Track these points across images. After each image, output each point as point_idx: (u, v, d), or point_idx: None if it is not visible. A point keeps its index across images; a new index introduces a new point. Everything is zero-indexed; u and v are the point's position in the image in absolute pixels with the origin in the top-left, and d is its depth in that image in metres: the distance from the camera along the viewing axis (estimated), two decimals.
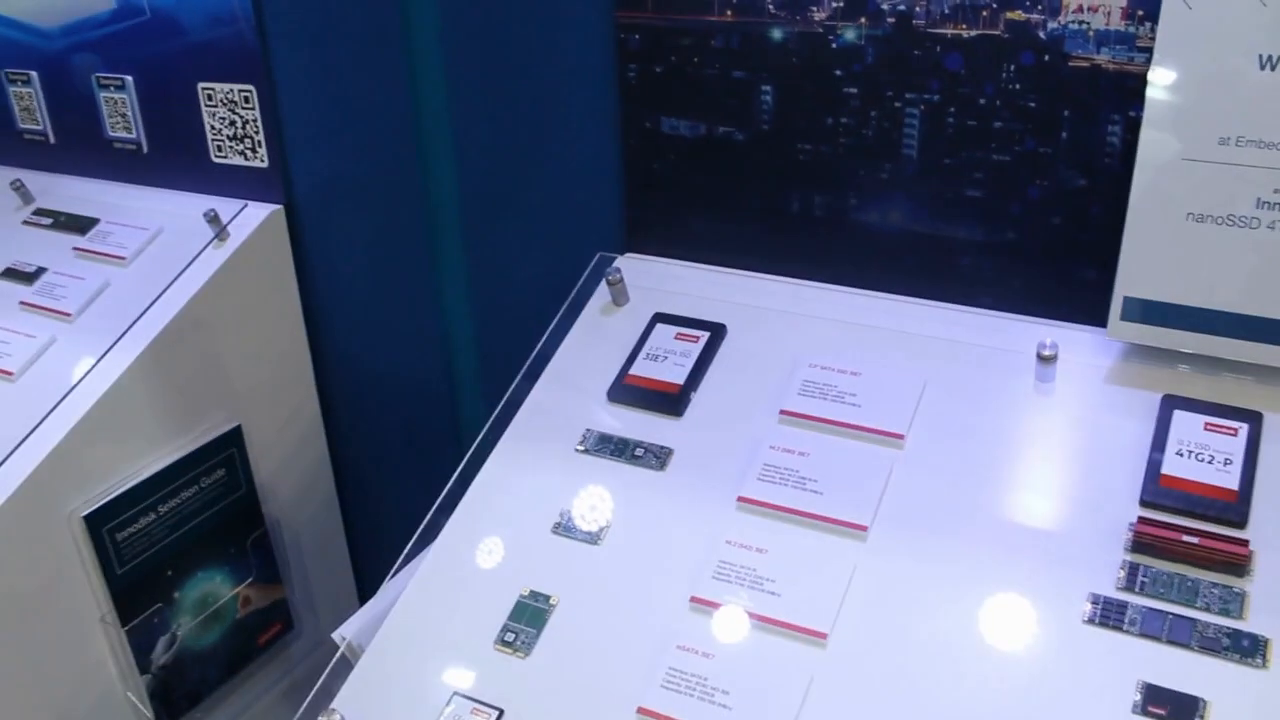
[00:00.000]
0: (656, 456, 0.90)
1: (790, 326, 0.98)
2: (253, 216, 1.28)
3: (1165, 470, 0.79)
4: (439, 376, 1.31)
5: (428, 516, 0.91)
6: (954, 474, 0.84)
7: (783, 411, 0.90)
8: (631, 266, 1.06)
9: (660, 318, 1.01)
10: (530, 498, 0.90)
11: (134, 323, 1.18)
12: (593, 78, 1.06)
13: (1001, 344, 0.91)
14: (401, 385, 1.35)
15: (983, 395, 0.88)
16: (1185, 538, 0.75)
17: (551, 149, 1.12)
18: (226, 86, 1.26)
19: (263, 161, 1.29)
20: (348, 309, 1.35)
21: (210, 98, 1.28)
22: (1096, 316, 0.88)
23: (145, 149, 1.35)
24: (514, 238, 1.19)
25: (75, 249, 1.31)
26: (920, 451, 0.86)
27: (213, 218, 1.26)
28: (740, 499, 0.85)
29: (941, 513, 0.82)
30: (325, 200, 1.29)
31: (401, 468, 1.40)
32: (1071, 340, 0.89)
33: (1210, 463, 0.79)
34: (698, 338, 0.98)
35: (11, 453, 1.08)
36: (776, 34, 0.95)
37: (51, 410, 1.12)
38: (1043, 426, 0.85)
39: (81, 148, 1.40)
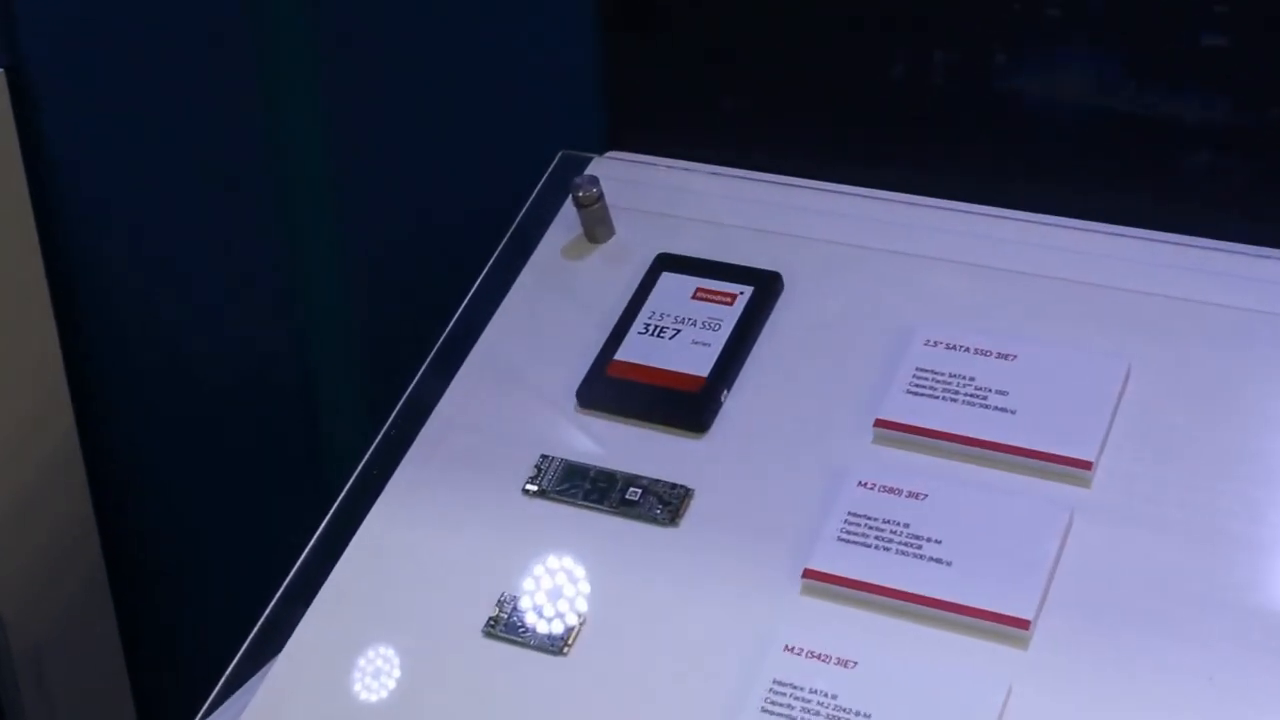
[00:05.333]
0: (663, 502, 0.90)
1: (891, 275, 0.98)
2: None
3: None
4: (288, 365, 1.31)
5: (266, 611, 0.90)
6: (1178, 531, 0.84)
7: (879, 422, 0.91)
8: (617, 173, 1.06)
9: (667, 262, 1.01)
10: (447, 574, 0.90)
11: None
12: None
13: (1264, 303, 0.91)
14: (223, 382, 1.35)
15: (1229, 393, 0.88)
16: None
17: None
18: None
19: None
20: (126, 250, 1.34)
21: None
22: None
23: None
24: (416, 123, 1.19)
25: None
26: (1119, 491, 0.86)
27: None
28: (808, 574, 0.85)
29: (1156, 599, 0.81)
30: (82, 59, 1.28)
31: (223, 523, 1.40)
32: None
33: None
34: (732, 296, 0.98)
35: None
36: None
37: None
38: None
39: None
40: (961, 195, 1.01)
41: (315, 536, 0.93)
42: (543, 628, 0.87)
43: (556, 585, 0.88)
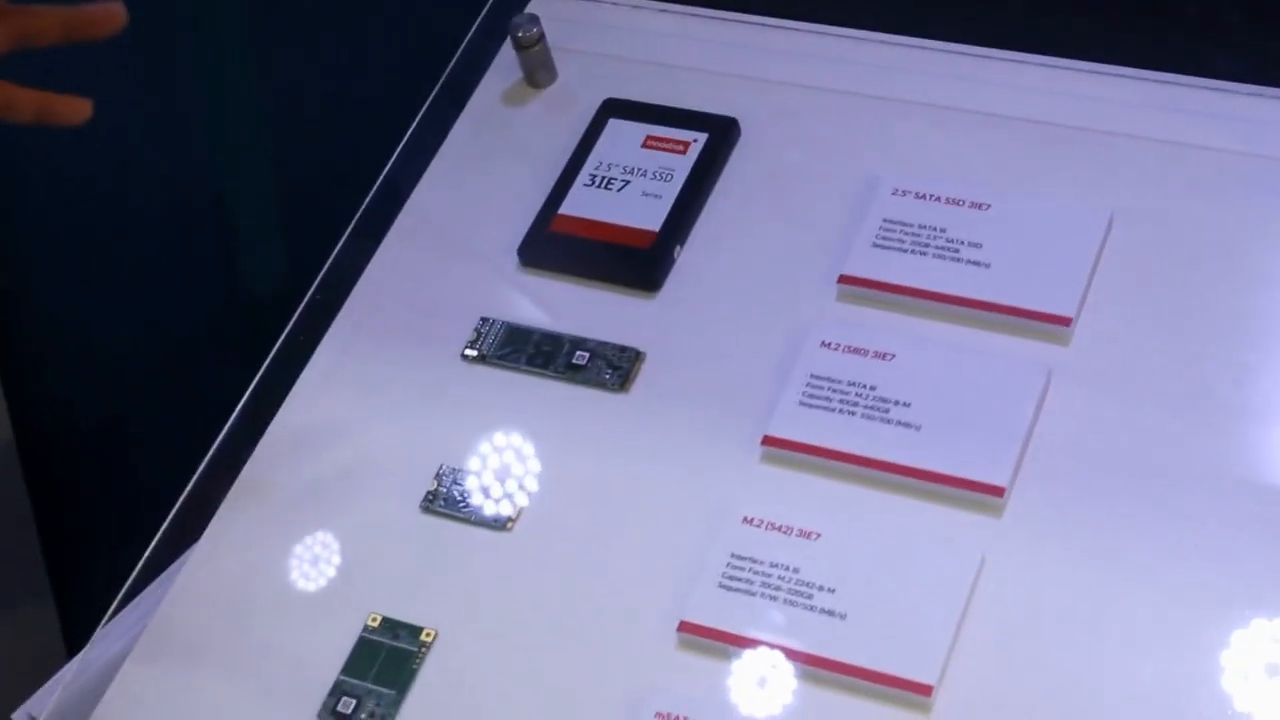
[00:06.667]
0: (612, 366, 0.90)
1: (856, 120, 0.97)
2: None
3: None
4: (205, 226, 1.30)
5: (187, 489, 0.90)
6: (1161, 394, 0.83)
7: (844, 278, 0.91)
8: (559, 12, 1.05)
9: (615, 108, 1.00)
10: (380, 447, 0.90)
11: None
12: None
13: (1257, 146, 0.91)
14: (141, 246, 1.34)
15: (1219, 246, 0.88)
16: None
17: None
18: None
19: None
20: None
21: None
22: None
23: None
24: None
25: None
26: (1099, 351, 0.86)
27: None
28: (767, 441, 0.85)
29: (1137, 466, 0.81)
30: None
31: (143, 396, 1.41)
32: None
33: None
34: (685, 144, 0.98)
35: None
36: None
37: None
38: None
39: None
40: (932, 32, 1.00)
41: (238, 409, 0.93)
42: (484, 502, 0.87)
43: (499, 456, 0.88)
